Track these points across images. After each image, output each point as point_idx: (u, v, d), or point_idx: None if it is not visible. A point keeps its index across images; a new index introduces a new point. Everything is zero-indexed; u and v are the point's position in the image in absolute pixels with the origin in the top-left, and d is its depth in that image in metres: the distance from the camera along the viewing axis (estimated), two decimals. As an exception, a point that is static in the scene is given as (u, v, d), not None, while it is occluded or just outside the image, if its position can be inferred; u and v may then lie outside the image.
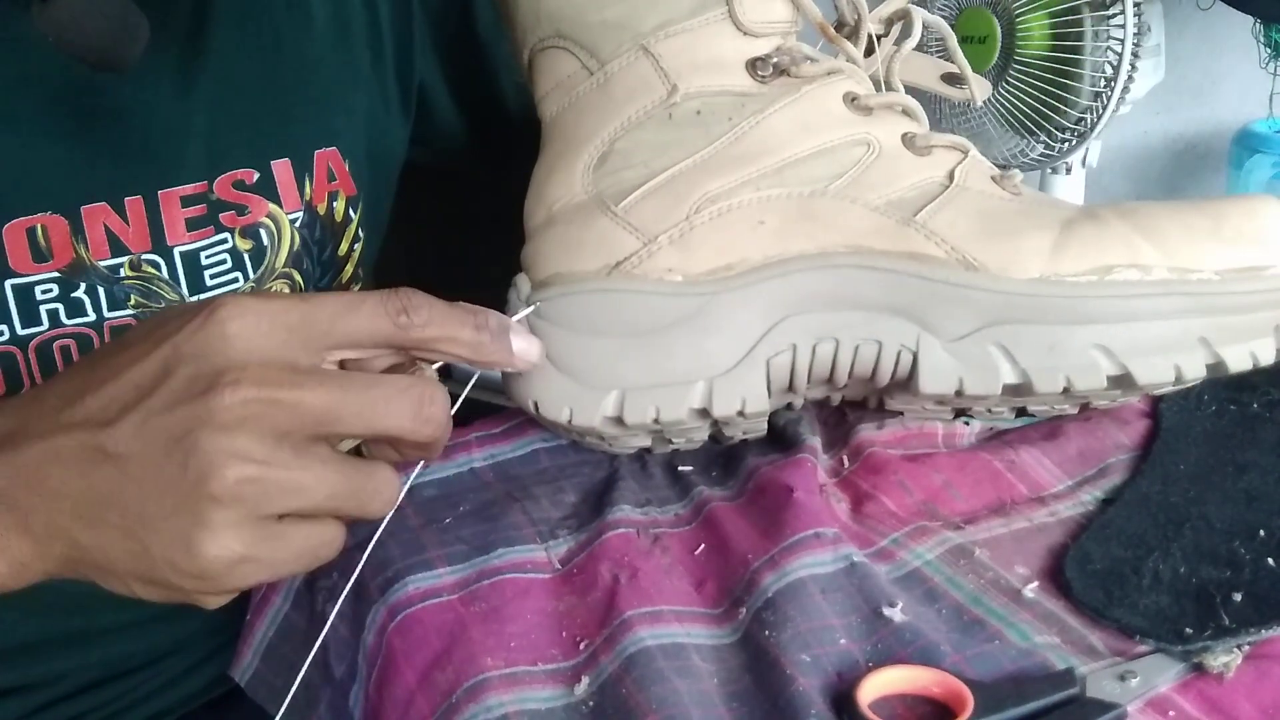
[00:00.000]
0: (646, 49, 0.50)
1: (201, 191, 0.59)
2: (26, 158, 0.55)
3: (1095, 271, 0.47)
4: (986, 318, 0.48)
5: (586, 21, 0.50)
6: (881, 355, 0.49)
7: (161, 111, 0.58)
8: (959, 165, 0.50)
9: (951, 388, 0.48)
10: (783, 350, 0.49)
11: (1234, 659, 0.39)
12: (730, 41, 0.50)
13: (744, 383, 0.49)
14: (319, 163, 0.63)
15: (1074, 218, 0.49)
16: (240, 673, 0.55)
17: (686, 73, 0.50)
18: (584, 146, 0.51)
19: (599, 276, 0.50)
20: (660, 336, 0.49)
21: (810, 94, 0.50)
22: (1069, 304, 0.47)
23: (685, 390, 0.49)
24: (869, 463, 0.53)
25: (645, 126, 0.50)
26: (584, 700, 0.41)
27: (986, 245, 0.48)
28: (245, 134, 0.61)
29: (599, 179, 0.50)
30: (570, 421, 0.50)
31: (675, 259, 0.49)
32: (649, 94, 0.50)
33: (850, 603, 0.43)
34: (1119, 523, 0.47)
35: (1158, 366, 0.48)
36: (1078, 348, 0.48)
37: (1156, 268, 0.47)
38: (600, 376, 0.49)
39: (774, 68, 0.50)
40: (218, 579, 0.37)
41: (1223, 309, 0.47)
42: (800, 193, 0.49)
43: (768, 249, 0.49)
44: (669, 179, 0.50)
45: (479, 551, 0.49)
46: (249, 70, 0.61)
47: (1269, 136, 1.40)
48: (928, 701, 0.39)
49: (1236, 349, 0.48)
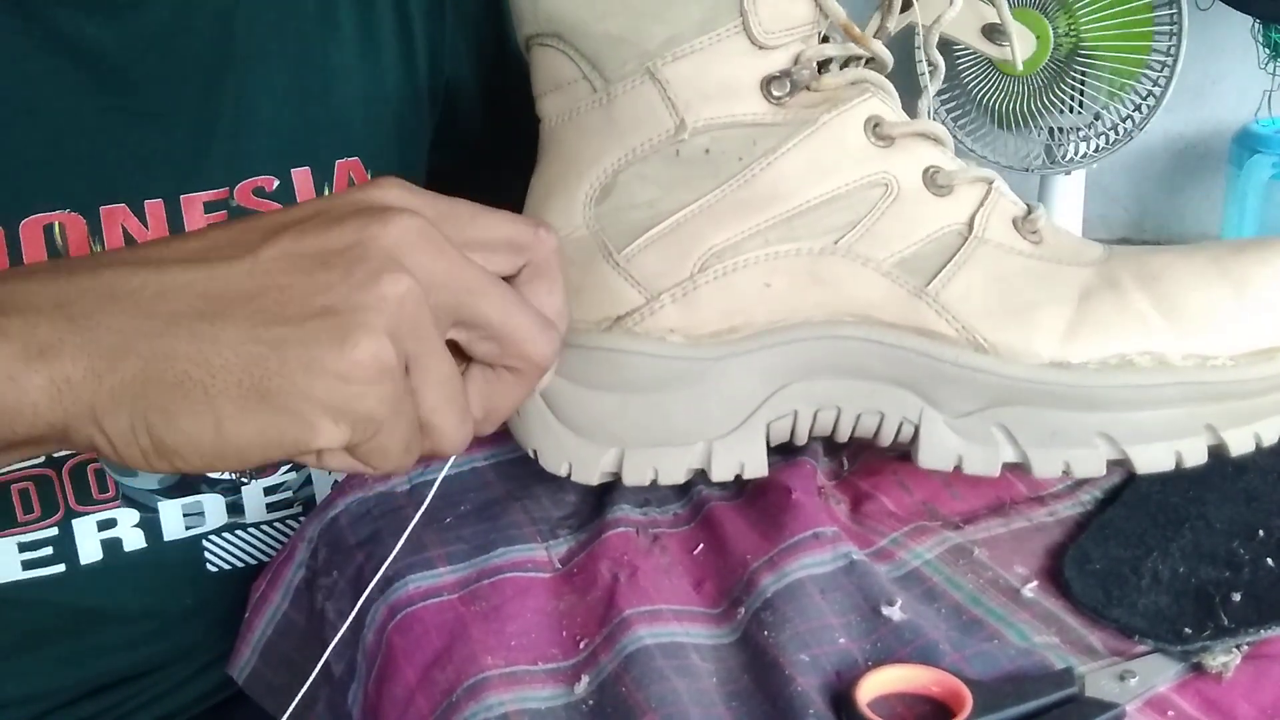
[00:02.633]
0: (653, 74, 0.47)
1: (223, 197, 0.59)
2: (49, 153, 0.55)
3: (1107, 360, 0.46)
4: (992, 399, 0.47)
5: (587, 31, 0.48)
6: (883, 425, 0.48)
7: (186, 115, 0.58)
8: (980, 209, 0.48)
9: (951, 464, 0.48)
10: (784, 415, 0.49)
11: (1233, 659, 0.39)
12: (743, 59, 0.47)
13: (743, 447, 0.49)
14: (340, 172, 0.63)
15: (1092, 286, 0.47)
16: (238, 670, 0.55)
17: (696, 103, 0.47)
18: (585, 173, 0.49)
19: (599, 329, 0.48)
20: (660, 395, 0.48)
21: (829, 125, 0.47)
22: (1078, 393, 0.46)
23: (684, 452, 0.49)
24: (868, 463, 0.53)
25: (650, 161, 0.48)
26: (584, 699, 0.41)
27: (998, 324, 0.46)
28: (267, 141, 0.61)
29: (601, 215, 0.48)
30: (569, 476, 0.50)
31: (678, 319, 0.48)
32: (655, 126, 0.48)
33: (849, 602, 0.44)
34: (1118, 522, 0.47)
35: (1158, 454, 0.47)
36: (1081, 435, 0.47)
37: (1171, 354, 0.46)
38: (599, 432, 0.49)
39: (791, 84, 0.47)
40: (362, 384, 0.34)
41: (1234, 395, 0.46)
42: (810, 249, 0.47)
43: (774, 313, 0.48)
44: (674, 226, 0.48)
45: (479, 550, 0.49)
46: (274, 77, 0.61)
47: (1269, 136, 1.40)
48: (926, 701, 0.39)
49: (1241, 432, 0.47)
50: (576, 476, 0.50)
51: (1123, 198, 1.58)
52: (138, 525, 0.62)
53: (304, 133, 0.62)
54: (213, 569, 0.64)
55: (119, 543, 0.61)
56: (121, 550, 0.61)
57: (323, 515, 0.55)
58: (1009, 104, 1.19)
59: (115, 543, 0.61)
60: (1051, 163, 1.25)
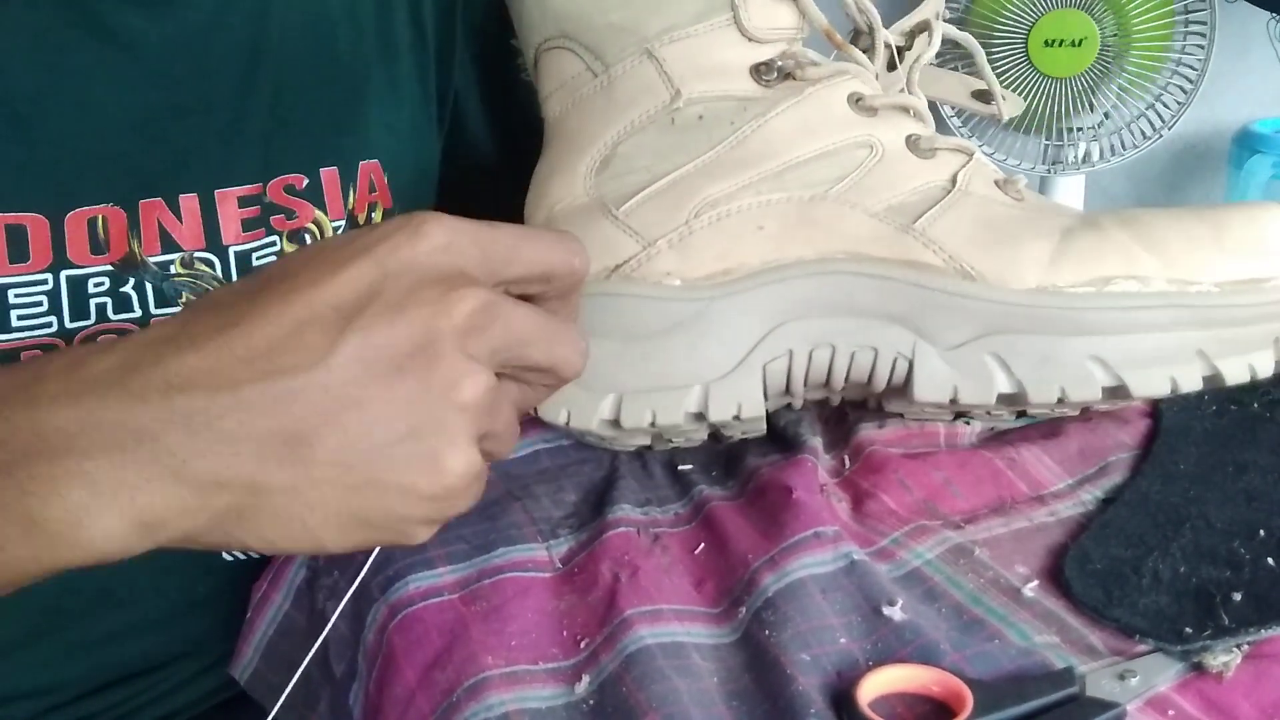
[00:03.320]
0: (651, 53, 0.50)
1: (256, 193, 0.60)
2: (96, 146, 0.55)
3: (1093, 282, 0.47)
4: (983, 327, 0.48)
5: (592, 24, 0.50)
6: (877, 362, 0.49)
7: (221, 111, 0.59)
8: (962, 169, 0.50)
9: (946, 396, 0.48)
10: (779, 355, 0.49)
11: (1233, 659, 0.39)
12: (734, 48, 0.50)
13: (740, 387, 0.49)
14: (362, 174, 0.64)
15: (1074, 226, 0.49)
16: (240, 670, 0.55)
17: (690, 78, 0.50)
18: (587, 149, 0.51)
19: (598, 279, 0.50)
20: (658, 340, 0.49)
21: (814, 95, 0.50)
22: (1065, 315, 0.47)
23: (682, 394, 0.49)
24: (869, 462, 0.53)
25: (647, 131, 0.50)
26: (584, 699, 0.41)
27: (985, 254, 0.48)
28: (299, 139, 0.61)
29: (601, 182, 0.50)
30: (568, 423, 0.50)
31: (674, 263, 0.49)
32: (652, 98, 0.50)
33: (850, 602, 0.44)
34: (1119, 522, 0.47)
35: (1153, 379, 0.48)
36: (1073, 359, 0.47)
37: (1155, 279, 0.47)
38: (598, 379, 0.49)
39: (778, 71, 0.50)
40: (458, 498, 0.35)
41: (1221, 321, 0.47)
42: (800, 197, 0.49)
43: (766, 254, 0.49)
44: (670, 183, 0.50)
45: (480, 550, 0.49)
46: (305, 77, 0.62)
47: (1269, 136, 1.40)
48: (927, 700, 0.39)
49: (1234, 361, 0.48)
50: (574, 423, 0.50)
51: (1123, 198, 1.58)
52: None
53: (331, 132, 0.63)
54: (228, 557, 0.64)
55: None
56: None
57: (323, 515, 0.55)
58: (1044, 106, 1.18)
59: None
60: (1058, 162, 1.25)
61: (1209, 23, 1.03)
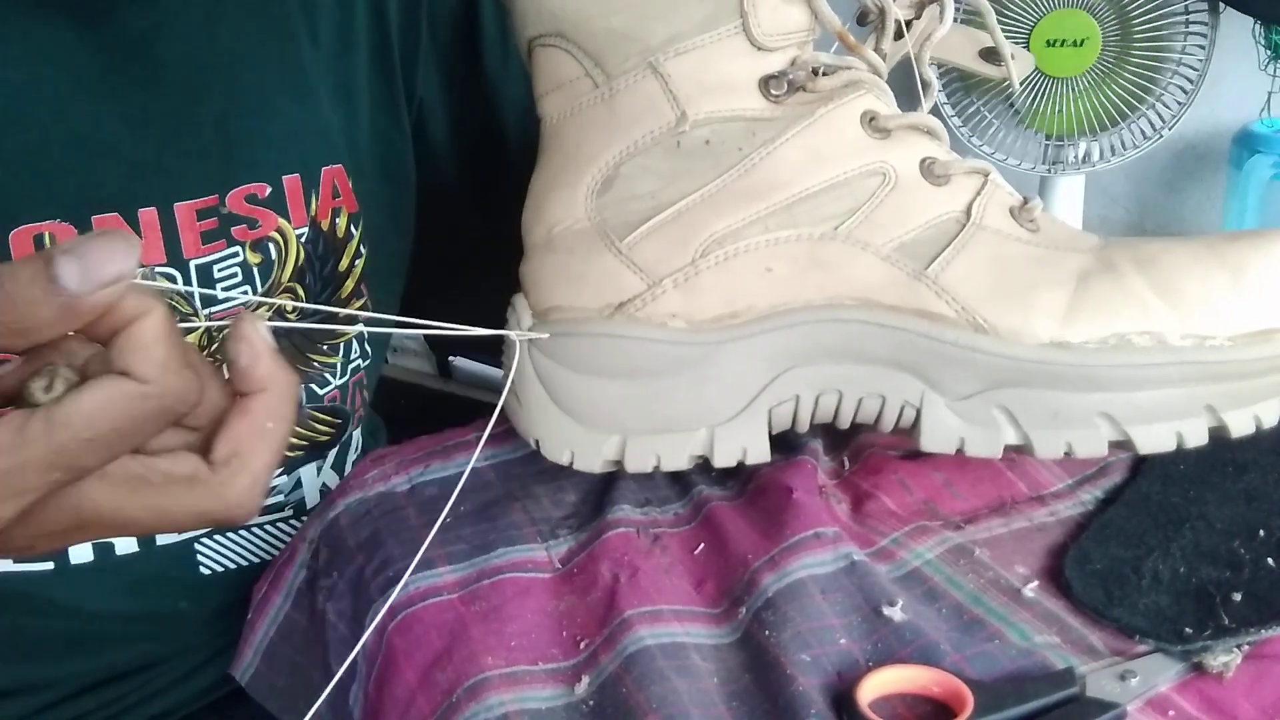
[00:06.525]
0: (655, 68, 0.48)
1: (213, 205, 0.59)
2: (36, 162, 0.54)
3: (1106, 340, 0.46)
4: (993, 380, 0.47)
5: (591, 29, 0.48)
6: (884, 409, 0.48)
7: (172, 121, 0.58)
8: (977, 198, 0.48)
9: (953, 447, 0.48)
10: (785, 400, 0.49)
11: (1234, 659, 0.39)
12: (743, 59, 0.48)
13: (745, 432, 0.49)
14: (325, 179, 0.63)
15: (1090, 270, 0.47)
16: (241, 672, 0.55)
17: (696, 96, 0.48)
18: (587, 167, 0.49)
19: (601, 317, 0.48)
20: (662, 382, 0.48)
21: (825, 117, 0.48)
22: (1078, 372, 0.46)
23: (687, 438, 0.49)
24: (869, 463, 0.53)
25: (652, 153, 0.48)
26: (584, 699, 0.41)
27: (998, 305, 0.47)
28: (257, 148, 0.61)
29: (603, 206, 0.49)
30: (572, 464, 0.50)
31: (680, 304, 0.48)
32: (657, 118, 0.48)
33: (850, 602, 0.44)
34: (1119, 522, 0.47)
35: (1160, 435, 0.47)
36: (1081, 415, 0.47)
37: (1170, 334, 0.46)
38: (601, 420, 0.49)
39: (789, 84, 0.48)
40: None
41: (1233, 376, 0.46)
42: (810, 234, 0.47)
43: (775, 298, 0.48)
44: (675, 215, 0.48)
45: (480, 550, 0.49)
46: (260, 83, 0.61)
47: (1269, 136, 1.39)
48: (927, 701, 0.39)
49: (1241, 414, 0.47)
50: (579, 465, 0.50)
51: (1123, 198, 1.58)
52: None
53: (292, 139, 0.62)
54: (205, 571, 0.64)
55: (110, 545, 0.61)
56: (113, 553, 0.61)
57: (323, 516, 0.55)
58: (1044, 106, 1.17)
59: (107, 545, 0.61)
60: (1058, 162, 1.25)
61: (1209, 23, 1.03)
